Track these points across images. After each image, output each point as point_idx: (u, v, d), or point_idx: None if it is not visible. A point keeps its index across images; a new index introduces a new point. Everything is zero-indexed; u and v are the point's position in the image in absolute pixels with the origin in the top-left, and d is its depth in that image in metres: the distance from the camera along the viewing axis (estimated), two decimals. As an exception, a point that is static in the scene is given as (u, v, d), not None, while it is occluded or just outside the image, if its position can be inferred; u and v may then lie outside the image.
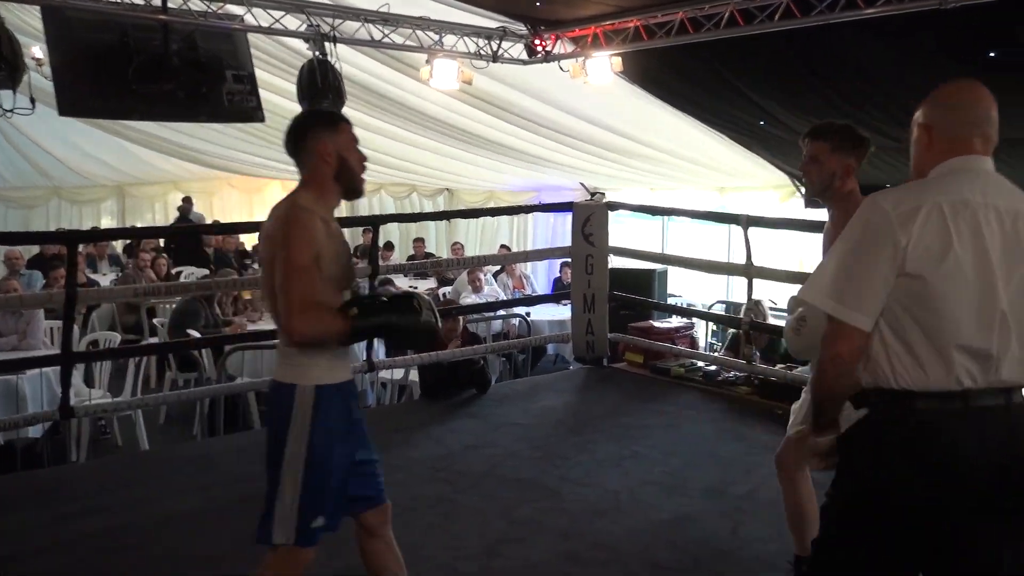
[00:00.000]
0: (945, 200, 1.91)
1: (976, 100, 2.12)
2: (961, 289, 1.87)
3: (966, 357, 1.89)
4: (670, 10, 6.03)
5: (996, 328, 1.89)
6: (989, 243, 1.89)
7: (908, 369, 1.92)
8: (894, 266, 1.88)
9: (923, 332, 1.90)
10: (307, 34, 6.20)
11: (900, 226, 1.88)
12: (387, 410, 6.70)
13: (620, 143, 9.16)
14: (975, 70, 5.65)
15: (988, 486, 1.89)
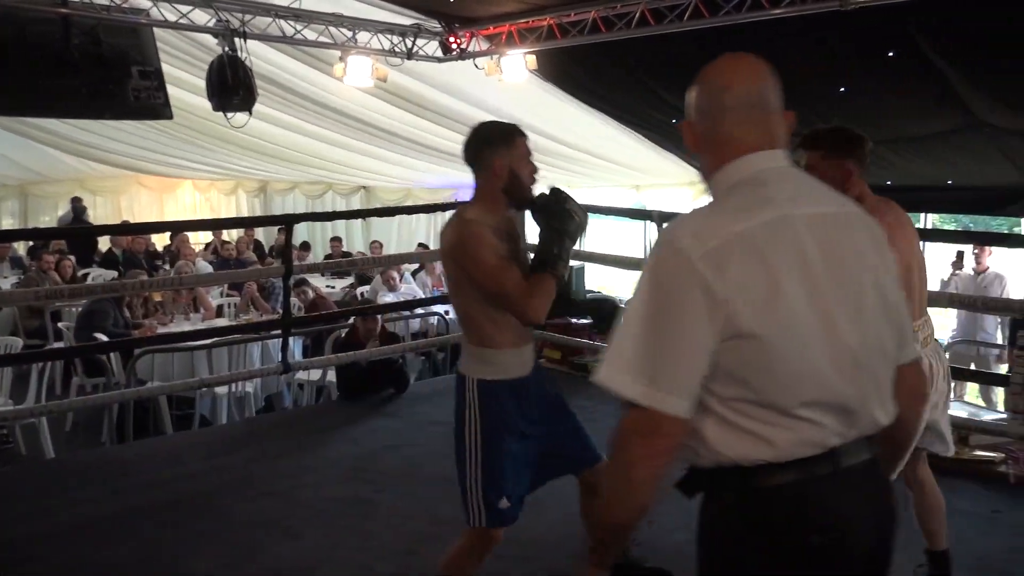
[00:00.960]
0: (756, 224, 1.47)
1: (746, 78, 1.64)
2: (801, 337, 1.45)
3: (822, 412, 1.48)
4: (583, 9, 6.09)
5: (849, 370, 1.49)
6: (818, 268, 1.47)
7: (752, 439, 1.48)
8: (714, 327, 1.43)
9: (764, 395, 1.46)
10: (216, 29, 6.07)
11: (712, 271, 1.42)
12: (304, 412, 6.62)
13: (537, 141, 9.08)
14: (877, 69, 5.87)
15: (872, 556, 1.57)
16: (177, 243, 11.93)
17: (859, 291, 1.52)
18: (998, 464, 4.42)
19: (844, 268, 1.50)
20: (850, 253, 1.52)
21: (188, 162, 13.46)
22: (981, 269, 7.71)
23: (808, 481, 1.48)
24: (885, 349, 1.57)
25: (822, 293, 1.47)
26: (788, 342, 1.43)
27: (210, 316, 8.31)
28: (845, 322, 1.48)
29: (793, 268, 1.45)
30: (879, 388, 1.56)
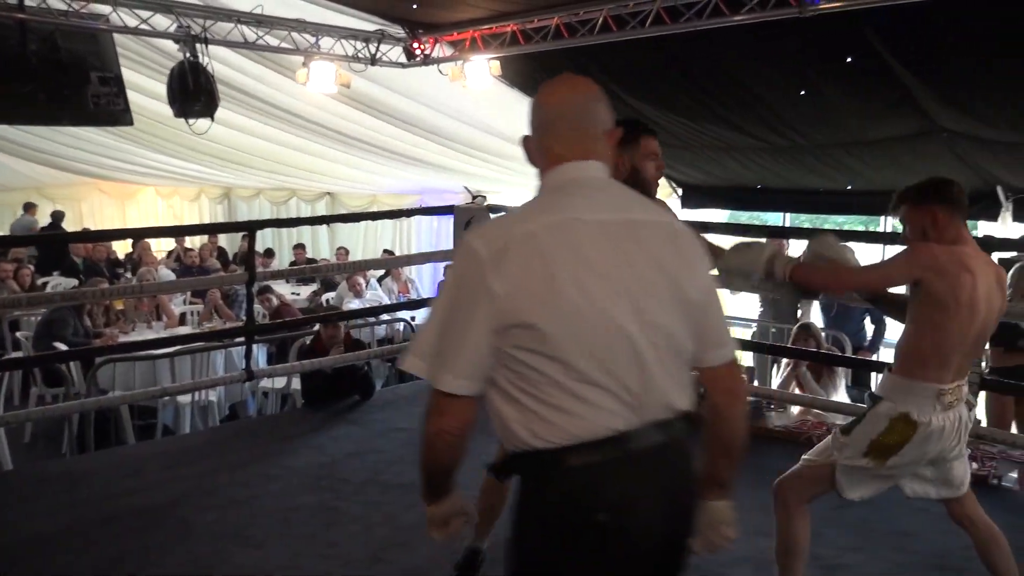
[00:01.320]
0: (540, 226, 1.64)
1: (564, 96, 1.80)
2: (576, 326, 1.59)
3: (605, 397, 1.62)
4: (545, 15, 6.12)
5: (628, 358, 1.63)
6: (599, 264, 1.63)
7: (546, 424, 1.62)
8: (495, 319, 1.60)
9: (551, 380, 1.61)
10: (177, 35, 6.02)
11: (493, 270, 1.59)
12: (268, 420, 6.57)
13: (502, 146, 9.22)
14: (835, 74, 5.95)
15: (663, 538, 1.71)
16: (139, 250, 11.80)
17: (647, 289, 1.65)
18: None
19: (631, 268, 1.65)
20: (644, 256, 1.67)
21: (150, 168, 13.33)
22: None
23: (596, 463, 1.62)
24: (676, 343, 1.70)
25: (600, 288, 1.61)
26: (564, 331, 1.59)
27: (173, 324, 8.22)
28: (624, 314, 1.62)
29: (570, 265, 1.60)
30: (668, 377, 1.69)
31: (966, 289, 2.63)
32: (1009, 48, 5.09)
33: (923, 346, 2.71)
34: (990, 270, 2.74)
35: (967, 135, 6.31)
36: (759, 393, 5.53)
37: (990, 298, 2.70)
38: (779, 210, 9.76)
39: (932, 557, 3.53)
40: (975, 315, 2.66)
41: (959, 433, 2.77)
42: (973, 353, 2.79)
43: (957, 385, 2.73)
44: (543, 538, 1.67)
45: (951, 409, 2.72)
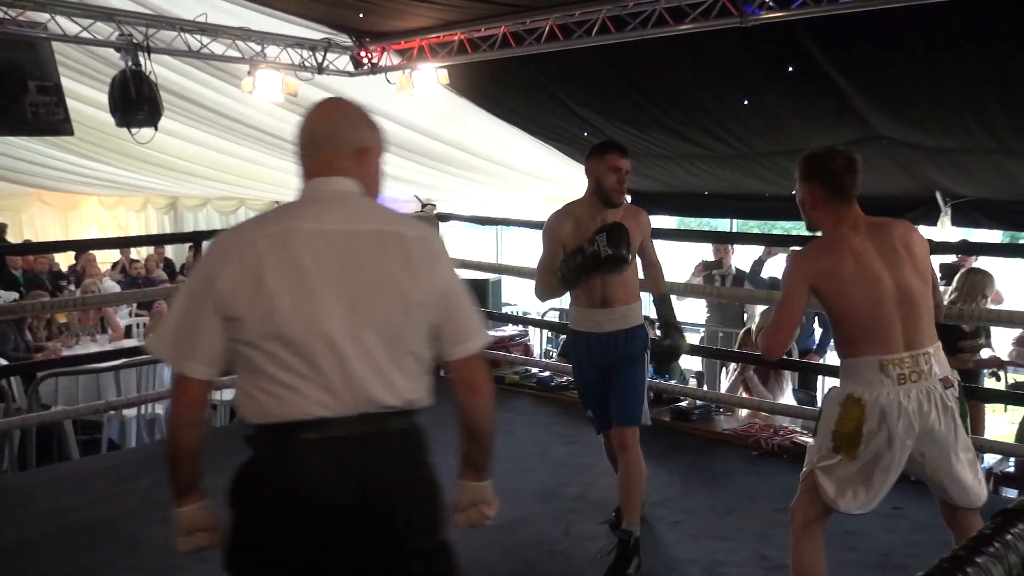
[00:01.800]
0: (262, 233, 1.83)
1: (317, 119, 1.99)
2: (280, 323, 1.77)
3: (305, 385, 1.78)
4: (493, 24, 6.15)
5: (331, 355, 1.79)
6: (311, 268, 1.79)
7: (256, 404, 1.81)
8: (217, 311, 1.79)
9: (259, 368, 1.79)
10: (119, 43, 5.93)
11: (220, 268, 1.80)
12: (217, 432, 6.47)
13: (452, 154, 9.24)
14: (778, 82, 6.06)
15: (358, 521, 1.81)
16: (83, 262, 11.57)
17: (364, 291, 1.82)
18: (899, 462, 4.59)
19: (349, 272, 1.82)
20: (364, 261, 1.84)
21: (93, 178, 13.07)
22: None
23: (295, 443, 1.79)
24: (397, 342, 1.86)
25: (306, 290, 1.79)
26: (267, 326, 1.77)
27: (118, 337, 8.07)
28: (331, 315, 1.79)
29: (281, 268, 1.78)
30: (377, 373, 1.83)
31: (848, 274, 2.62)
32: (942, 57, 5.24)
33: (847, 326, 2.67)
34: (884, 233, 2.68)
35: (905, 142, 6.47)
36: (707, 397, 5.61)
37: (896, 260, 2.64)
38: (727, 216, 9.91)
39: (876, 555, 3.60)
40: (880, 285, 2.61)
41: (940, 418, 2.59)
42: (915, 317, 2.63)
43: (910, 355, 2.59)
44: (245, 506, 1.86)
45: (909, 384, 2.57)
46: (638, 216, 3.71)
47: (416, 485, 1.90)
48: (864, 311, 2.62)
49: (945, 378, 2.64)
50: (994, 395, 5.75)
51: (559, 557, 3.68)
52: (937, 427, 2.59)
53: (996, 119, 5.63)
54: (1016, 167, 6.35)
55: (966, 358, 5.48)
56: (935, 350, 2.66)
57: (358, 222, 1.88)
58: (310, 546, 1.79)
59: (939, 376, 2.63)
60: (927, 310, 2.68)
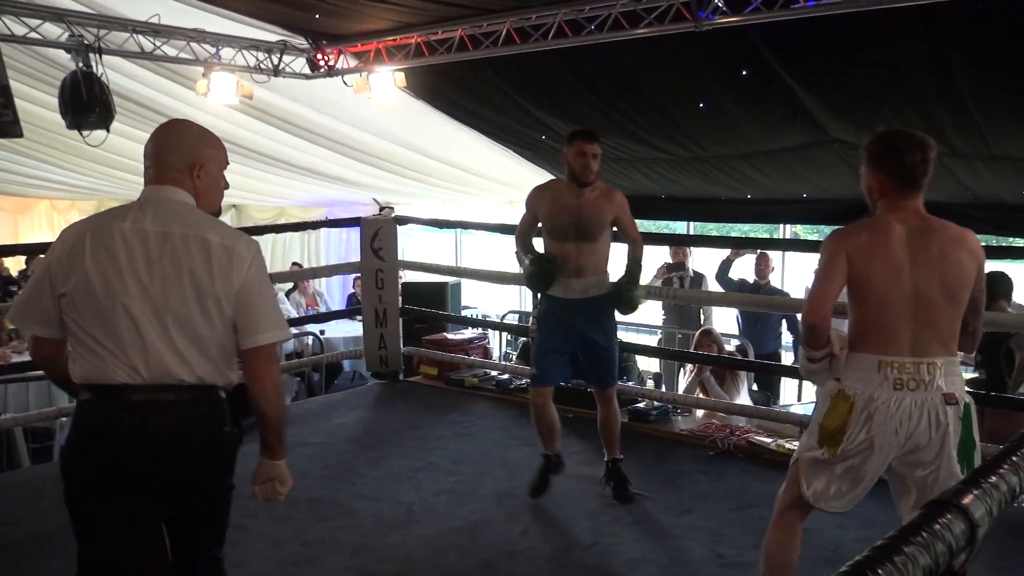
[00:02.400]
0: (90, 226, 2.28)
1: (155, 136, 2.38)
2: (92, 302, 2.20)
3: (107, 355, 2.20)
4: (449, 27, 6.15)
5: (130, 331, 2.20)
6: (123, 260, 2.20)
7: (81, 366, 2.23)
8: (54, 287, 2.24)
9: (76, 336, 2.24)
10: (69, 45, 5.84)
11: (56, 254, 2.25)
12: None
13: (411, 158, 9.21)
14: (732, 86, 6.13)
15: (156, 476, 2.24)
16: (34, 267, 11.37)
17: (165, 284, 2.21)
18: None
19: (155, 266, 2.21)
20: (170, 259, 2.22)
21: (45, 181, 12.84)
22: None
23: (100, 404, 2.23)
24: (192, 329, 2.23)
25: (116, 277, 2.20)
26: (82, 304, 2.20)
27: (70, 343, 7.94)
28: (135, 299, 2.19)
29: (97, 257, 2.19)
30: (175, 354, 2.23)
31: (879, 255, 2.57)
32: (891, 62, 5.34)
33: (858, 318, 2.63)
34: (928, 234, 2.61)
35: (857, 145, 6.55)
36: (664, 398, 5.65)
37: (925, 261, 2.56)
38: (684, 219, 10.00)
39: (826, 551, 3.65)
40: (898, 281, 2.55)
41: (930, 433, 2.51)
42: (929, 325, 2.54)
43: (913, 362, 2.51)
44: (66, 450, 2.35)
45: (906, 391, 2.50)
46: (612, 196, 4.15)
47: (199, 444, 2.28)
48: (875, 301, 2.56)
49: (950, 394, 2.51)
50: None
51: (518, 558, 3.69)
52: (924, 442, 2.51)
53: (943, 123, 5.75)
54: (963, 170, 6.49)
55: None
56: (945, 364, 2.53)
57: (171, 226, 2.24)
58: (115, 483, 2.23)
59: (942, 391, 2.51)
60: (947, 323, 2.56)
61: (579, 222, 4.06)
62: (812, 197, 7.99)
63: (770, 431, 5.07)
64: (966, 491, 1.05)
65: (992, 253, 7.27)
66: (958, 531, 0.95)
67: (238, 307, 2.27)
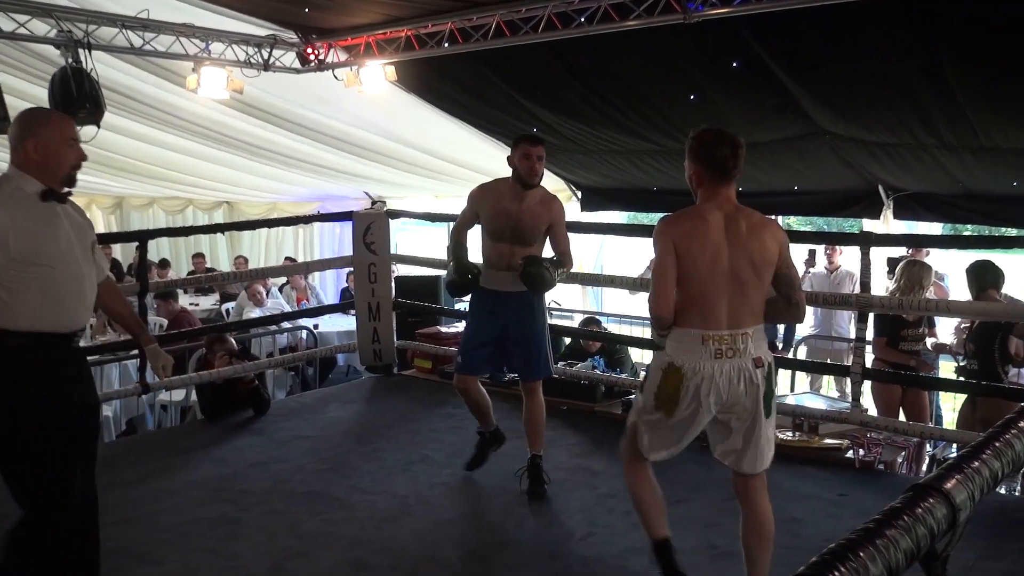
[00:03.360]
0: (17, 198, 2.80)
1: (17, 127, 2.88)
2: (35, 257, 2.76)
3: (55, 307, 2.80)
4: (439, 20, 6.15)
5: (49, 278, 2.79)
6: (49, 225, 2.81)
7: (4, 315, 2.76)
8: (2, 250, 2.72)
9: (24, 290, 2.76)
10: (58, 40, 5.82)
11: None
12: (167, 433, 6.41)
13: (402, 151, 9.21)
14: (723, 78, 6.14)
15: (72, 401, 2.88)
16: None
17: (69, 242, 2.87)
18: (844, 450, 4.70)
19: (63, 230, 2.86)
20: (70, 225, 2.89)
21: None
22: (833, 267, 8.12)
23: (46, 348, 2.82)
24: (89, 279, 2.97)
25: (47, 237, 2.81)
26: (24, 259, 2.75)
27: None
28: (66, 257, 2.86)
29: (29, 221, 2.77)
30: (80, 301, 2.93)
31: (698, 239, 2.90)
32: (882, 54, 5.35)
33: (683, 296, 2.93)
34: (740, 220, 2.94)
35: (847, 137, 6.60)
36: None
37: (737, 243, 2.90)
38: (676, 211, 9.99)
39: (819, 541, 3.64)
40: (717, 262, 2.88)
41: (746, 392, 2.89)
42: (742, 301, 2.90)
43: (730, 334, 2.88)
44: None
45: (725, 359, 2.87)
46: (550, 204, 4.24)
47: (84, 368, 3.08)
48: (697, 281, 2.90)
49: (757, 358, 2.91)
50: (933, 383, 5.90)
51: (513, 549, 3.71)
52: (742, 400, 2.90)
53: (933, 115, 5.77)
54: (952, 162, 6.51)
55: (908, 347, 5.61)
56: (755, 332, 2.92)
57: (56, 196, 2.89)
58: None
59: (753, 355, 2.90)
60: (756, 297, 2.93)
61: (516, 227, 4.17)
62: (804, 189, 8.01)
63: (762, 421, 5.09)
64: (948, 476, 1.07)
65: (984, 243, 7.35)
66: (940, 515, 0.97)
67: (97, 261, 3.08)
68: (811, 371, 7.24)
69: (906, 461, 4.99)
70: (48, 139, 2.85)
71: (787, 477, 4.44)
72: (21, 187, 2.80)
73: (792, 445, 4.76)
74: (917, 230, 8.08)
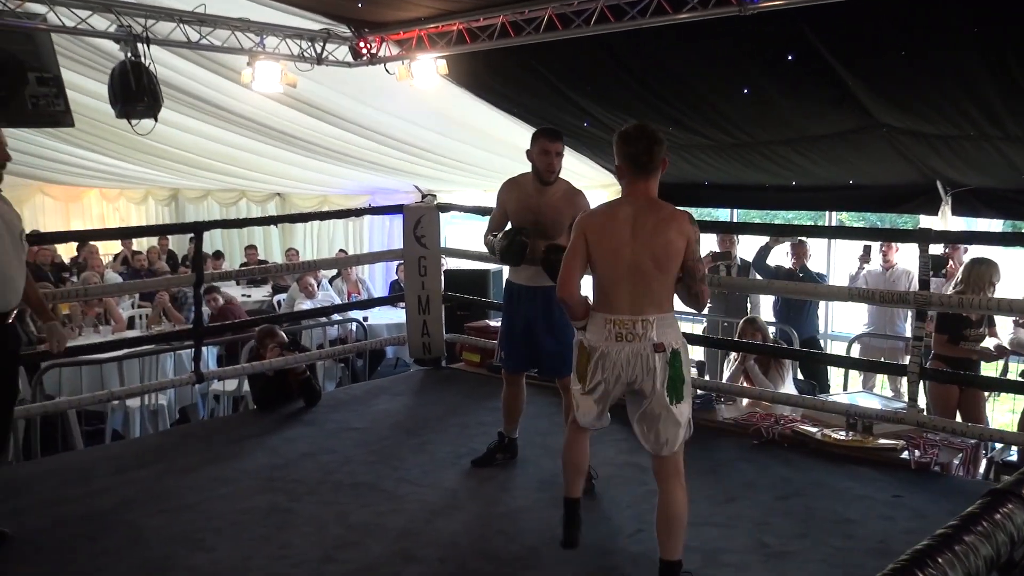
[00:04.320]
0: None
1: None
2: None
3: None
4: (491, 13, 6.14)
5: None
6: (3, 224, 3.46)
7: None
8: None
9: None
10: (118, 35, 5.93)
11: None
12: (219, 422, 6.51)
13: (452, 145, 9.22)
14: (777, 71, 6.04)
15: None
16: (85, 254, 11.60)
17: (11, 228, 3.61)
18: (899, 451, 4.60)
19: None
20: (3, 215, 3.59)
21: (94, 170, 13.10)
22: (889, 265, 7.95)
23: None
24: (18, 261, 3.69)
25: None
26: None
27: (120, 328, 8.11)
28: None
29: None
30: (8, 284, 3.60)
31: (606, 232, 3.17)
32: (942, 45, 5.22)
33: (594, 284, 3.24)
34: (650, 213, 3.15)
35: (906, 130, 6.46)
36: (708, 386, 5.60)
37: (641, 238, 3.11)
38: (727, 206, 9.89)
39: (873, 542, 3.61)
40: (620, 254, 3.13)
41: (645, 373, 3.10)
42: (644, 290, 3.12)
43: (631, 320, 3.11)
44: None
45: (624, 342, 3.11)
46: (574, 198, 4.21)
47: None
48: (604, 270, 3.18)
49: (659, 343, 3.10)
50: (994, 383, 5.77)
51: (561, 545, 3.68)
52: (640, 383, 3.12)
53: (997, 106, 5.61)
54: (1017, 155, 6.33)
55: (969, 345, 5.48)
56: (658, 320, 3.11)
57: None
58: None
59: (654, 341, 3.10)
60: (659, 287, 3.13)
61: (538, 221, 4.19)
62: (859, 183, 7.86)
63: (815, 420, 5.02)
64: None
65: None
66: (1020, 521, 0.93)
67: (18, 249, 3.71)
68: (866, 370, 7.11)
69: (963, 464, 4.87)
70: None
71: (840, 477, 4.37)
72: None
73: (845, 445, 4.68)
74: (976, 227, 7.88)
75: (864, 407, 4.97)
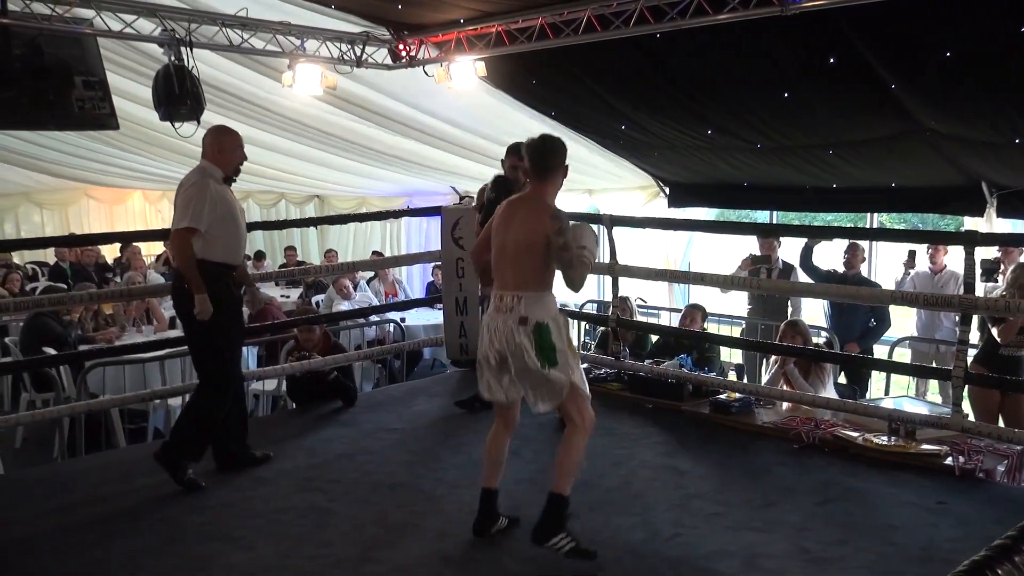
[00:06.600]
0: None
1: None
2: None
3: None
4: (530, 15, 6.14)
5: None
6: None
7: None
8: None
9: None
10: (161, 39, 6.01)
11: None
12: (259, 422, 6.55)
13: (488, 147, 9.23)
14: (819, 74, 5.96)
15: None
16: (128, 255, 11.77)
17: None
18: (943, 457, 4.52)
19: None
20: None
21: (138, 173, 13.30)
22: (938, 268, 7.77)
23: None
24: None
25: None
26: None
27: (162, 328, 8.21)
28: None
29: None
30: None
31: (499, 221, 3.66)
32: (986, 49, 5.12)
33: None
34: (520, 205, 3.64)
35: (950, 135, 6.34)
36: (747, 390, 5.55)
37: (512, 228, 3.57)
38: (766, 207, 9.79)
39: (917, 549, 3.55)
40: (503, 240, 3.60)
41: (513, 341, 3.48)
42: (516, 269, 3.55)
43: (508, 295, 3.54)
44: None
45: (501, 314, 3.54)
46: None
47: None
48: (495, 253, 3.67)
49: (523, 317, 3.48)
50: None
51: (599, 548, 3.67)
52: (512, 348, 3.50)
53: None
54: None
55: (1010, 352, 5.37)
56: (526, 297, 3.52)
57: None
58: None
59: (521, 315, 3.49)
60: (528, 266, 3.53)
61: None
62: (901, 185, 7.74)
63: (857, 425, 4.95)
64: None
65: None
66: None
67: None
68: (906, 374, 6.98)
69: (1007, 471, 4.77)
70: None
71: (883, 483, 4.30)
72: None
73: (888, 450, 4.60)
74: (1022, 230, 7.72)
75: (907, 412, 4.89)
